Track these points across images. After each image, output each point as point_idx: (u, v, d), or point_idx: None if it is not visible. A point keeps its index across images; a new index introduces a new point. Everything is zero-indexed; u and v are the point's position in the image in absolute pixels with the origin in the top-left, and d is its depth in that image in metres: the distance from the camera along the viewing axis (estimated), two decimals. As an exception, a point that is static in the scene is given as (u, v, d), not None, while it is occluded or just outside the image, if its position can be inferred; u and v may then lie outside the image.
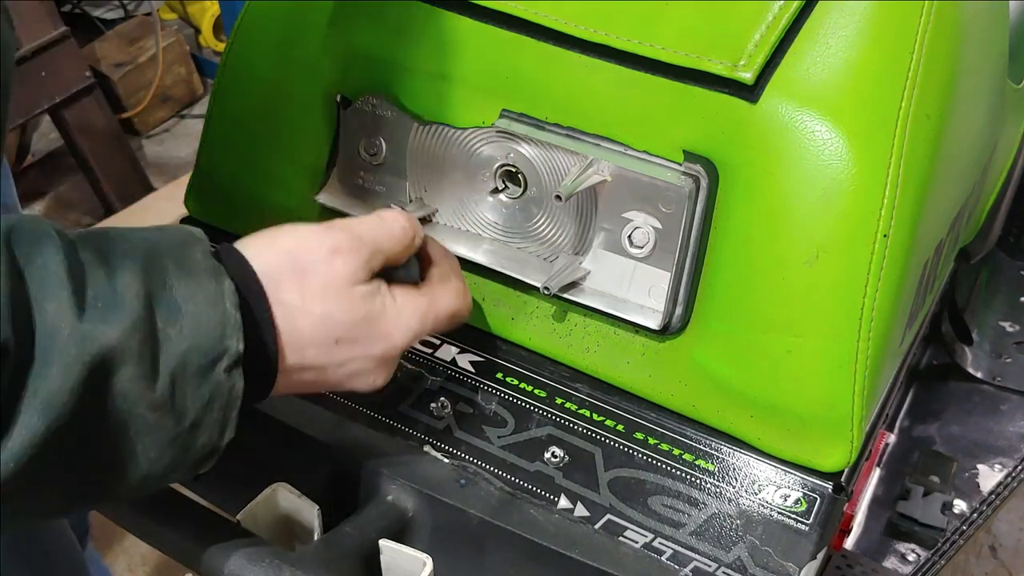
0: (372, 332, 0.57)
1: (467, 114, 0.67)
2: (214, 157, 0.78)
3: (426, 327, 0.60)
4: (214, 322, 0.49)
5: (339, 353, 0.56)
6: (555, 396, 0.68)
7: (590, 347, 0.68)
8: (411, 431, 0.69)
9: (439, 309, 0.61)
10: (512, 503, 0.65)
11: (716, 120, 0.60)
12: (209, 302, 0.49)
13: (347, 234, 0.56)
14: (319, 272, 0.54)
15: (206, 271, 0.50)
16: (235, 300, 0.50)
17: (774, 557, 0.60)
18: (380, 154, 0.72)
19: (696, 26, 0.61)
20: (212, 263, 0.51)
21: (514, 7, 0.64)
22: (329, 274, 0.55)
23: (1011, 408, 1.13)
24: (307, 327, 0.54)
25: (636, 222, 0.65)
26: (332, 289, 0.55)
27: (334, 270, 0.55)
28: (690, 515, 0.62)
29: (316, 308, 0.54)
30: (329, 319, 0.55)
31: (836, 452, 0.61)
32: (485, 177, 0.69)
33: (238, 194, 0.77)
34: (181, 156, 2.46)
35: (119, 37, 2.48)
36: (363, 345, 0.57)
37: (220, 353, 0.49)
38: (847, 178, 0.58)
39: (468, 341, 0.71)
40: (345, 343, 0.56)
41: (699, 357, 0.64)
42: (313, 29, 0.71)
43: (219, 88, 0.76)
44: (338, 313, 0.55)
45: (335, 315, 0.55)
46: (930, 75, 0.60)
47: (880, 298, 0.59)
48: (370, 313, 0.56)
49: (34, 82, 2.02)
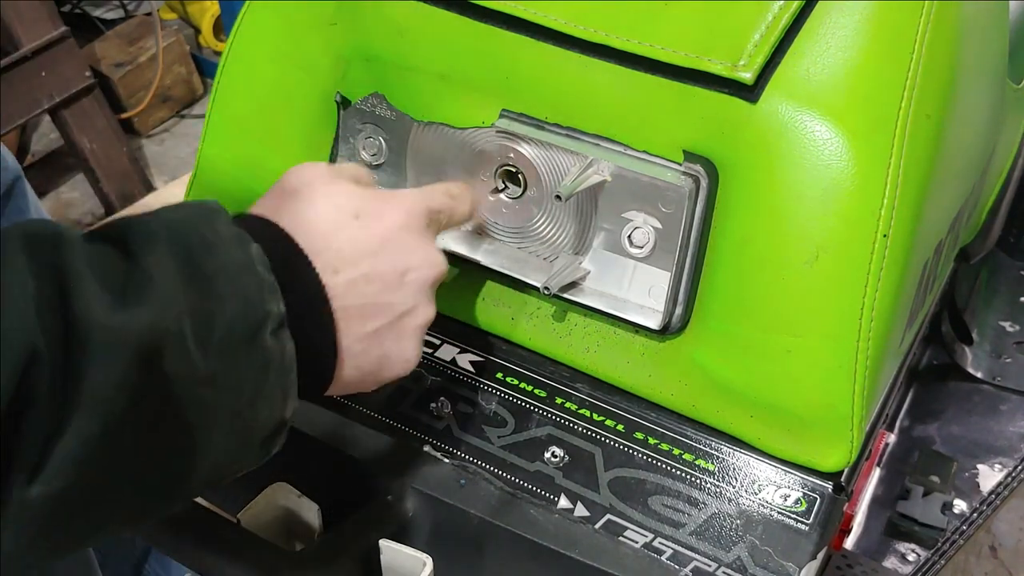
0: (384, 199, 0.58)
1: (467, 114, 0.67)
2: (214, 157, 0.78)
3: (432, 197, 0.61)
4: (250, 288, 0.48)
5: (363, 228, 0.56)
6: (555, 396, 0.68)
7: (590, 347, 0.68)
8: (411, 431, 0.69)
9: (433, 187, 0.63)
10: (512, 503, 0.65)
11: (716, 120, 0.60)
12: (240, 270, 0.48)
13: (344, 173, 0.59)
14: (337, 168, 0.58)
15: (231, 240, 0.49)
16: (266, 263, 0.49)
17: (774, 557, 0.60)
18: (380, 154, 0.72)
19: (696, 26, 0.61)
20: (235, 231, 0.49)
21: (514, 7, 0.64)
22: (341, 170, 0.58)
23: (1011, 408, 1.13)
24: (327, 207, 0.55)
25: (636, 222, 0.65)
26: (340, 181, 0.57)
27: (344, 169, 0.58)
28: (690, 515, 0.62)
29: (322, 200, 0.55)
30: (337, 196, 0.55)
31: (836, 452, 0.61)
32: (485, 177, 0.69)
33: (238, 194, 0.77)
34: (181, 156, 2.45)
35: (119, 37, 2.48)
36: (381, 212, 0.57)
37: (263, 317, 0.48)
38: (847, 178, 0.58)
39: (468, 341, 0.71)
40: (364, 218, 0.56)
41: (699, 357, 0.64)
42: (313, 29, 0.71)
43: (219, 88, 0.76)
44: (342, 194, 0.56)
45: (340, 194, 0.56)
46: (930, 75, 0.60)
47: (880, 298, 0.59)
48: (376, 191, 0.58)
49: (34, 82, 2.02)
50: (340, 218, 0.55)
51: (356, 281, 0.55)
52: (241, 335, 0.47)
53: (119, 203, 2.21)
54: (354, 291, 0.54)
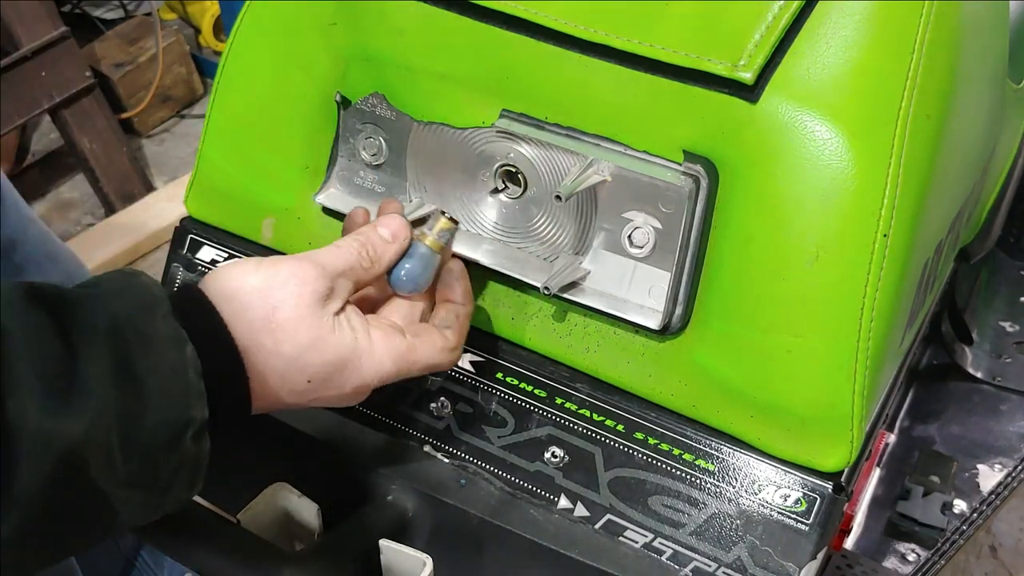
0: (344, 373, 0.57)
1: (467, 114, 0.67)
2: (214, 157, 0.78)
3: (400, 373, 0.59)
4: (178, 393, 0.49)
5: (311, 392, 0.57)
6: (555, 396, 0.68)
7: (590, 347, 0.68)
8: (411, 431, 0.69)
9: (417, 358, 0.59)
10: (512, 503, 0.65)
11: (716, 120, 0.60)
12: (172, 373, 0.49)
13: (312, 264, 0.56)
14: (285, 309, 0.54)
15: (168, 339, 0.50)
16: (197, 367, 0.51)
17: (774, 557, 0.60)
18: (380, 154, 0.72)
19: (696, 26, 0.61)
20: (172, 329, 0.50)
21: (514, 7, 0.64)
22: (296, 309, 0.55)
23: (1011, 408, 1.13)
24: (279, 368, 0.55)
25: (636, 222, 0.65)
26: (301, 323, 0.55)
27: (301, 303, 0.55)
28: (690, 515, 0.62)
29: (284, 348, 0.54)
30: (299, 360, 0.55)
31: (836, 452, 0.61)
32: (485, 177, 0.69)
33: (238, 194, 0.77)
34: (181, 156, 2.45)
35: (119, 37, 2.48)
36: (335, 384, 0.57)
37: (186, 423, 0.50)
38: (847, 178, 0.58)
39: (468, 341, 0.71)
40: (317, 382, 0.56)
41: (699, 357, 0.64)
42: (313, 29, 0.71)
43: (219, 88, 0.76)
44: (309, 354, 0.55)
45: (305, 356, 0.55)
46: (930, 75, 0.60)
47: (880, 298, 0.59)
48: (339, 351, 0.56)
49: (34, 82, 2.02)
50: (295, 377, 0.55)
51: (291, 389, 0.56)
52: (163, 441, 0.49)
53: (119, 203, 2.22)
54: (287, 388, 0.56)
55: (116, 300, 0.50)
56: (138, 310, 0.50)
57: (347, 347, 0.56)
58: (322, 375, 0.56)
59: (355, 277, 0.59)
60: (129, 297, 0.50)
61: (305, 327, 0.55)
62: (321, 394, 0.57)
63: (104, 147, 2.21)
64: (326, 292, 0.56)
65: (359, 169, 0.73)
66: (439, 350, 0.61)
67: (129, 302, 0.50)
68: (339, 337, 0.56)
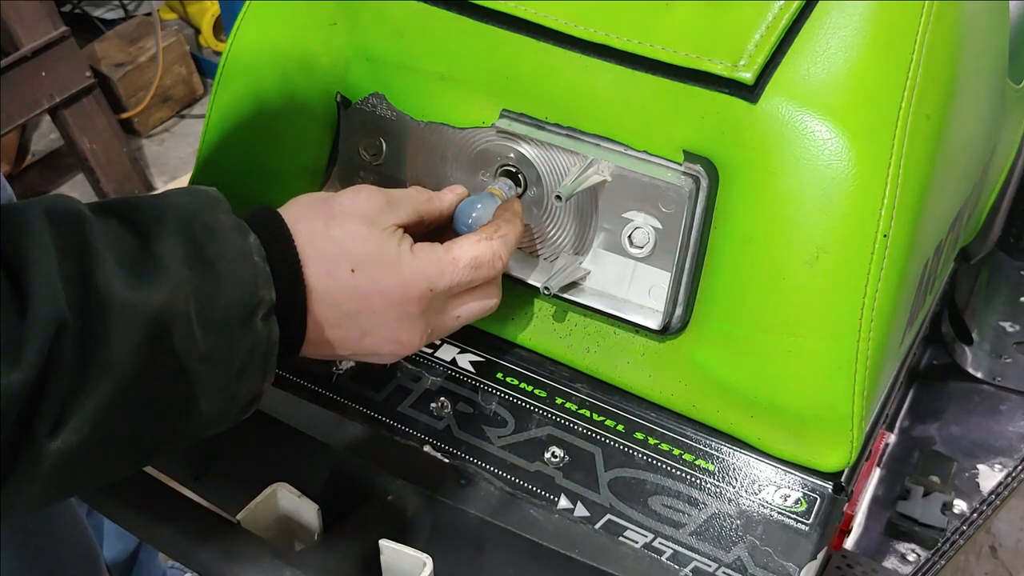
0: (387, 270, 0.58)
1: (467, 114, 0.67)
2: (214, 157, 0.78)
3: (445, 272, 0.59)
4: (247, 274, 0.52)
5: (357, 283, 0.57)
6: (555, 396, 0.68)
7: (590, 347, 0.68)
8: (411, 431, 0.69)
9: (457, 255, 0.60)
10: (512, 503, 0.65)
11: (716, 120, 0.60)
12: (239, 257, 0.52)
13: (375, 189, 0.60)
14: (342, 203, 0.58)
15: (232, 228, 0.53)
16: (262, 252, 0.54)
17: (774, 557, 0.60)
18: (380, 154, 0.72)
19: (696, 26, 0.61)
20: (235, 220, 0.54)
21: (514, 7, 0.64)
22: (352, 205, 0.58)
23: (1011, 408, 1.13)
24: (328, 253, 0.57)
25: (636, 222, 0.65)
26: (354, 217, 0.58)
27: (357, 202, 0.59)
28: (690, 515, 0.62)
29: (336, 231, 0.57)
30: (345, 241, 0.57)
31: (836, 452, 0.61)
32: (485, 177, 0.69)
33: (238, 194, 0.77)
34: (181, 156, 2.46)
35: (119, 37, 2.48)
36: (378, 281, 0.57)
37: (256, 303, 0.52)
38: (847, 178, 0.58)
39: (468, 341, 0.71)
40: (360, 273, 0.57)
41: (699, 357, 0.64)
42: (313, 29, 0.71)
43: (219, 88, 0.76)
44: (355, 238, 0.57)
45: (352, 239, 0.57)
46: (930, 75, 0.60)
47: (880, 298, 0.59)
48: (385, 250, 0.58)
49: (34, 82, 2.02)
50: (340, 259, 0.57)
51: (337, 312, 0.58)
52: (238, 317, 0.52)
53: (119, 203, 2.21)
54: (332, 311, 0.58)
55: (179, 198, 0.53)
56: (201, 206, 0.53)
57: (391, 248, 0.58)
58: (366, 266, 0.57)
59: (412, 205, 0.62)
60: (191, 196, 0.54)
61: (355, 221, 0.58)
62: (369, 299, 0.58)
63: (104, 147, 2.21)
64: (381, 204, 0.59)
65: (359, 169, 0.73)
66: (475, 242, 0.61)
67: (191, 200, 0.54)
68: (384, 238, 0.58)
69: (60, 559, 1.03)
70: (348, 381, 0.71)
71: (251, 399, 0.55)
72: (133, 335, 0.47)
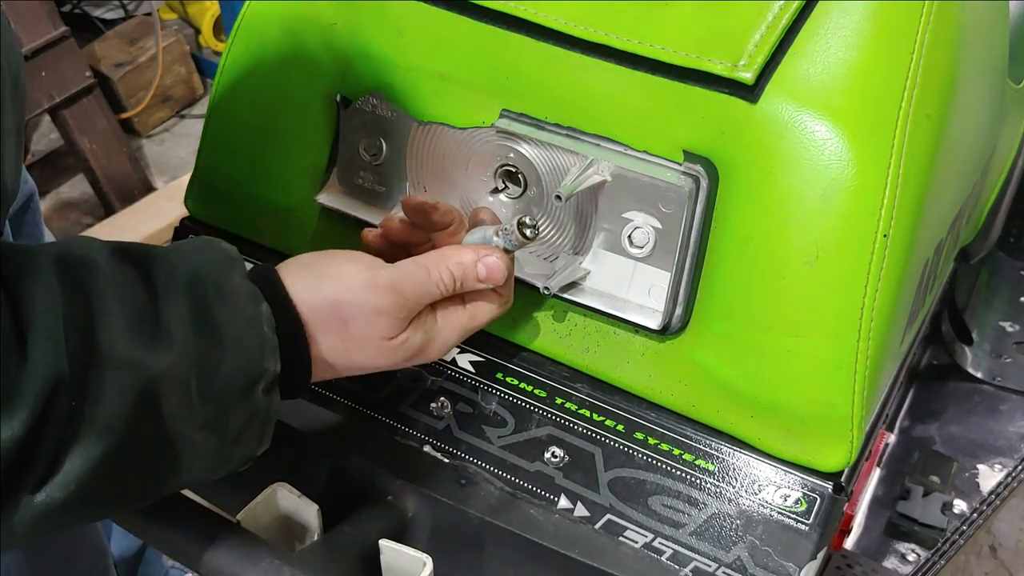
0: (412, 360, 0.60)
1: (467, 114, 0.67)
2: (214, 157, 0.78)
3: (464, 337, 0.62)
4: (254, 345, 0.52)
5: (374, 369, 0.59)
6: (555, 396, 0.68)
7: (590, 347, 0.68)
8: (411, 431, 0.69)
9: (477, 324, 0.63)
10: (512, 503, 0.65)
11: (716, 120, 0.60)
12: (248, 325, 0.52)
13: (394, 296, 0.57)
14: (359, 326, 0.56)
15: (244, 295, 0.52)
16: (272, 323, 0.53)
17: (774, 557, 0.60)
18: (380, 154, 0.72)
19: (696, 26, 0.61)
20: (249, 287, 0.53)
21: (514, 7, 0.64)
22: (370, 331, 0.56)
23: (1011, 408, 1.13)
24: (343, 368, 0.57)
25: (636, 222, 0.65)
26: (372, 343, 0.57)
27: (375, 329, 0.57)
28: (690, 515, 0.62)
29: (356, 357, 0.57)
30: (367, 365, 0.58)
31: (836, 452, 0.61)
32: (485, 177, 0.69)
33: (238, 194, 0.77)
34: (181, 156, 2.46)
35: (119, 37, 2.48)
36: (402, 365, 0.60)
37: (260, 374, 0.52)
38: (847, 178, 0.58)
39: (468, 341, 0.71)
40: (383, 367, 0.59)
41: (699, 357, 0.64)
42: (313, 29, 0.71)
43: (219, 88, 0.76)
44: (377, 360, 0.58)
45: (374, 361, 0.58)
46: (930, 75, 0.60)
47: (880, 298, 0.59)
48: (408, 352, 0.59)
49: (34, 82, 2.02)
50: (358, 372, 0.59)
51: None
52: (238, 388, 0.51)
53: (119, 203, 2.22)
54: None
55: (196, 256, 0.53)
56: (216, 266, 0.53)
57: (416, 347, 0.59)
58: (388, 366, 0.59)
59: (434, 300, 0.60)
60: (208, 254, 0.53)
61: (374, 347, 0.57)
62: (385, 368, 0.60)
63: (104, 147, 2.21)
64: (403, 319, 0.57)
65: (359, 169, 0.73)
66: (495, 309, 0.63)
67: (208, 259, 0.53)
68: (409, 342, 0.58)
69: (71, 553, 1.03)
70: (348, 381, 0.71)
71: (244, 462, 0.55)
72: (129, 398, 0.46)
